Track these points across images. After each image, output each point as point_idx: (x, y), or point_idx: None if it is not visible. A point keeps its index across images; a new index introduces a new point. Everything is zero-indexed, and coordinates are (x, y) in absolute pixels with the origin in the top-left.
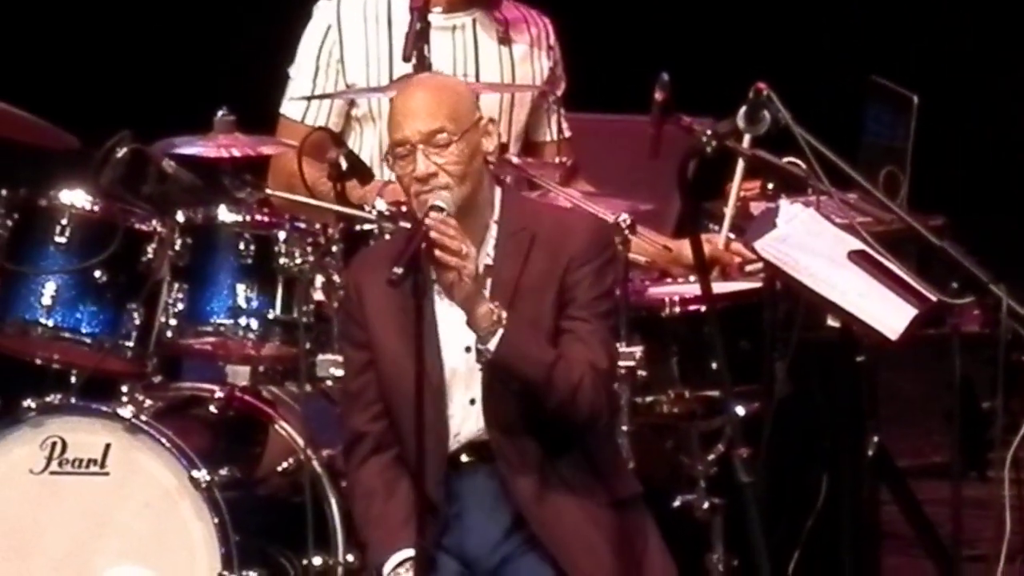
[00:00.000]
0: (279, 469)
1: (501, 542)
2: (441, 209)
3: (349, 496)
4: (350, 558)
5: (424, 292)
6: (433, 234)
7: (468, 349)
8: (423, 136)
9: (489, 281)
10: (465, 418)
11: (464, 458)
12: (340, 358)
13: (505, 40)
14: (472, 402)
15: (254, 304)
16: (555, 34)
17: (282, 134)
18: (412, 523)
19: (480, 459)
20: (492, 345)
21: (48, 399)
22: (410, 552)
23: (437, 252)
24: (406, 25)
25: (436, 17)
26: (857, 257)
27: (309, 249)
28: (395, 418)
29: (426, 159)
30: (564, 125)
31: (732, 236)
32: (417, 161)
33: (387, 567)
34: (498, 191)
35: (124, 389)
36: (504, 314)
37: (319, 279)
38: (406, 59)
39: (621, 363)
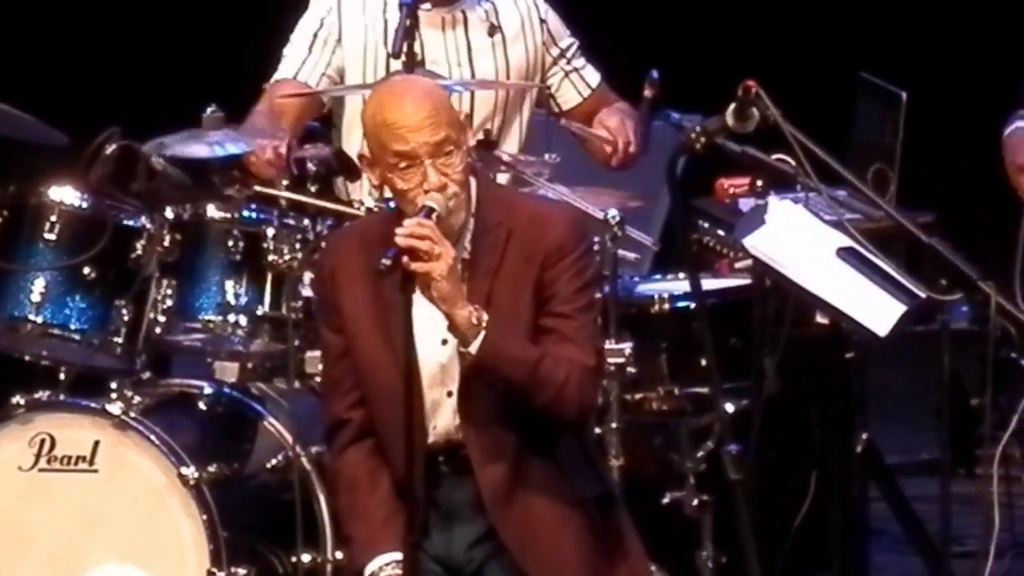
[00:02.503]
0: (268, 466)
1: (477, 548)
2: (433, 210)
3: (331, 485)
4: (339, 555)
5: (412, 288)
6: (400, 240)
7: (444, 342)
8: (431, 149)
9: (467, 275)
10: (442, 411)
11: (443, 468)
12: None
13: (495, 27)
14: (449, 394)
15: (243, 301)
16: (546, 1)
17: (271, 90)
18: (395, 521)
19: (456, 469)
20: (474, 348)
21: (37, 396)
22: (393, 555)
23: (404, 259)
24: (397, 20)
25: (427, 11)
26: (846, 254)
27: (298, 245)
28: (372, 409)
29: (436, 171)
30: (588, 76)
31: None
32: (428, 174)
33: (369, 569)
34: (473, 183)
35: (113, 386)
36: (485, 316)
37: (307, 275)
38: (395, 56)
39: (610, 360)
